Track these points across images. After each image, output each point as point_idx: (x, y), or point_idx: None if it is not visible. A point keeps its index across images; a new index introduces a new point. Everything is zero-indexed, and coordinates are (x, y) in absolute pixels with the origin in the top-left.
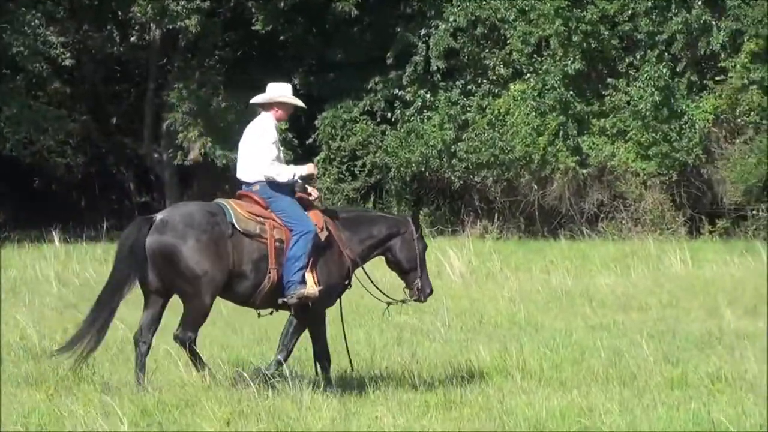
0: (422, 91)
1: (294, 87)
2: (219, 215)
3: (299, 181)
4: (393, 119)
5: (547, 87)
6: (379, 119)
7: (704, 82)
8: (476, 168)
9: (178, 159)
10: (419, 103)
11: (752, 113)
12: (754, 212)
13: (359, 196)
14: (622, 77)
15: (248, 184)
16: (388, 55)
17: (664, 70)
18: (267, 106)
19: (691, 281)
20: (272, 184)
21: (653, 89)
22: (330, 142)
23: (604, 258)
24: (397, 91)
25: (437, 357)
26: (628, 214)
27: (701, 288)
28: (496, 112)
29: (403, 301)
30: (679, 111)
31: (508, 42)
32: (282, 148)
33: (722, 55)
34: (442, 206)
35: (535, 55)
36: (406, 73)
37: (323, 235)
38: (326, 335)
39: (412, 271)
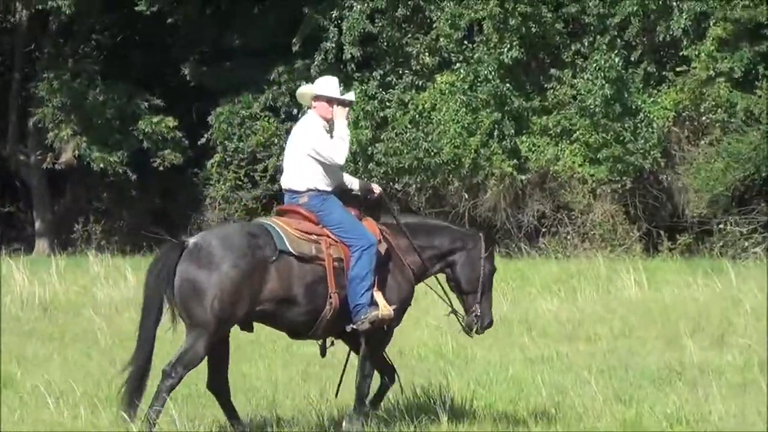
0: None
1: (185, 77)
2: (262, 237)
3: (353, 187)
4: (299, 116)
5: (479, 79)
6: (283, 116)
7: (663, 73)
8: (397, 173)
9: (47, 162)
10: None
11: (719, 110)
12: (721, 226)
13: (260, 206)
14: (567, 68)
15: (294, 195)
16: (294, 41)
17: (617, 60)
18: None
19: (648, 307)
20: (320, 194)
21: (603, 82)
22: (226, 142)
23: (545, 279)
24: (304, 83)
25: (350, 394)
26: (574, 228)
27: (659, 315)
28: (420, 107)
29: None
30: (633, 107)
31: (434, 26)
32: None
33: (684, 42)
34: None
35: (465, 42)
36: (315, 63)
37: (382, 248)
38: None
39: (471, 294)
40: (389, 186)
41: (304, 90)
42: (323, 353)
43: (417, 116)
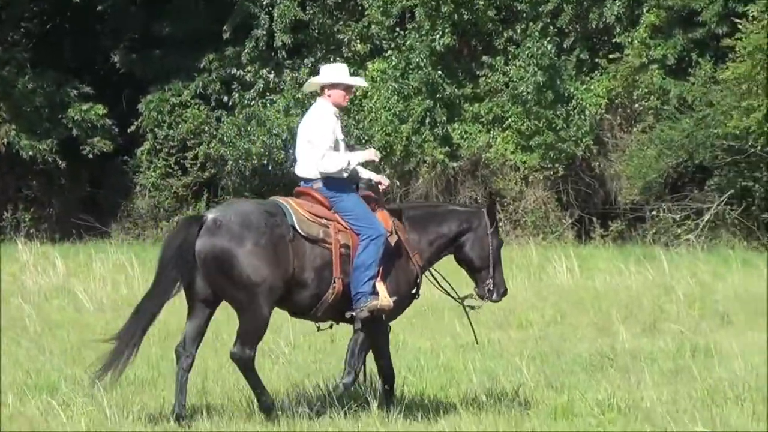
0: (264, 71)
1: (114, 65)
2: (278, 215)
3: (362, 176)
4: (230, 104)
5: (411, 66)
6: (213, 103)
7: (596, 60)
8: None
9: None
10: (261, 85)
11: (652, 97)
12: (654, 213)
13: (190, 194)
14: (499, 55)
15: (307, 181)
16: (225, 28)
17: (549, 47)
18: (321, 89)
19: (580, 294)
20: (335, 181)
21: (536, 69)
22: (156, 130)
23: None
24: (235, 70)
25: (280, 382)
26: (506, 214)
27: (591, 302)
28: (352, 95)
29: (464, 298)
30: (566, 94)
31: (365, 13)
32: (342, 138)
33: (617, 29)
34: None
35: (397, 29)
36: (246, 50)
37: (392, 240)
38: (389, 348)
39: (483, 270)
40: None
41: (317, 80)
42: (318, 328)
43: (348, 104)
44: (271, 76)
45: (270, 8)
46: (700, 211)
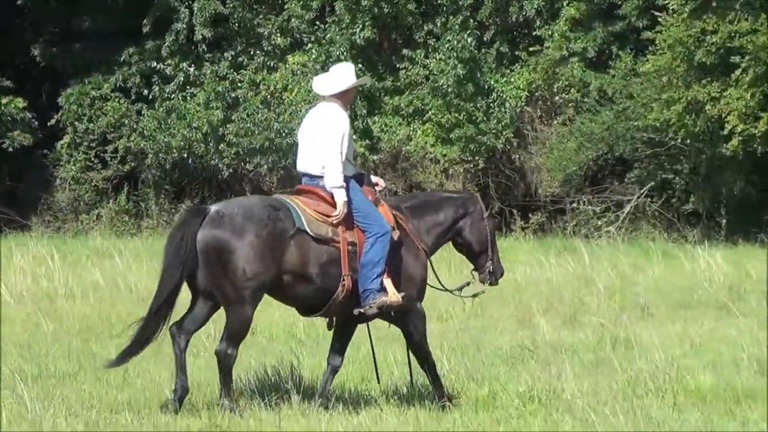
0: (185, 65)
1: (34, 58)
2: (282, 210)
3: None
4: (150, 97)
5: (331, 59)
6: (134, 97)
7: (516, 53)
8: (248, 154)
9: None
10: (181, 79)
11: (572, 90)
12: (574, 205)
13: (110, 187)
14: (419, 48)
15: (312, 178)
16: (145, 22)
17: (470, 40)
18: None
19: (500, 286)
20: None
21: (456, 62)
22: (76, 123)
23: None
24: (155, 64)
25: (202, 375)
26: None
27: (512, 294)
28: (272, 88)
29: (460, 289)
30: (486, 87)
31: (286, 6)
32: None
33: (537, 23)
34: (208, 199)
35: (317, 23)
36: (166, 43)
37: (396, 234)
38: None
39: (482, 254)
40: (240, 167)
41: (330, 81)
42: (330, 327)
43: (268, 97)
44: (191, 69)
45: (190, 2)
46: (621, 204)
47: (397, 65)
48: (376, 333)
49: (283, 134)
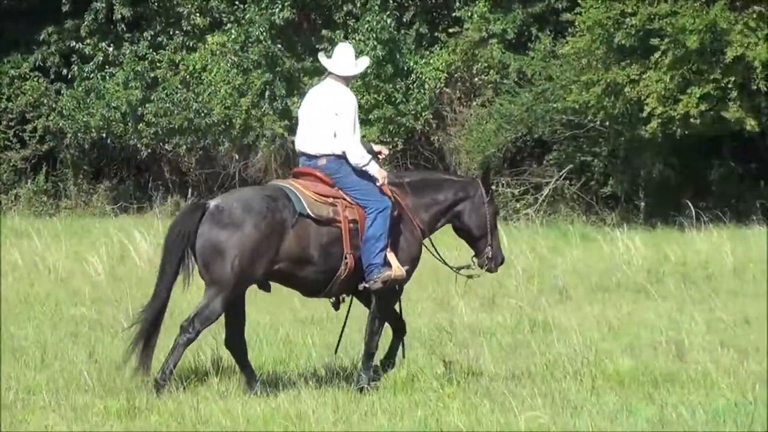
0: (104, 44)
1: None
2: (280, 200)
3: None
4: (69, 76)
5: (251, 39)
6: (53, 76)
7: (436, 34)
8: (167, 134)
9: None
10: (100, 58)
11: (491, 71)
12: (493, 187)
13: (29, 167)
14: (339, 28)
15: (310, 158)
16: (64, 1)
17: (389, 21)
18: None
19: (419, 268)
20: (338, 157)
21: (375, 43)
22: None
23: None
24: (74, 43)
25: (120, 356)
26: None
27: (430, 276)
28: (191, 68)
29: (460, 269)
30: (405, 68)
31: None
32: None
33: (457, 3)
34: (127, 179)
35: (237, 2)
36: (85, 23)
37: (393, 209)
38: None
39: (482, 239)
40: (159, 147)
41: (347, 62)
42: (336, 308)
43: (188, 77)
44: (111, 49)
45: None
46: (539, 186)
47: (317, 46)
48: (296, 316)
49: (202, 114)
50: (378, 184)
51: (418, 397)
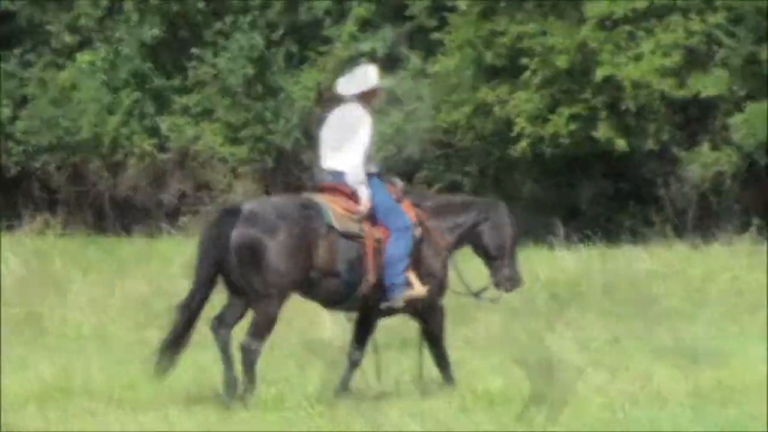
0: None
1: None
2: (312, 209)
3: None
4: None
5: (120, 58)
6: None
7: (305, 53)
8: (36, 152)
9: None
10: None
11: None
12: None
13: None
14: (209, 47)
15: (335, 175)
16: None
17: (259, 39)
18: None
19: None
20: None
21: (245, 61)
22: None
23: (189, 259)
24: None
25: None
26: (216, 207)
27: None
28: (61, 86)
29: (479, 293)
30: (275, 87)
31: (75, 4)
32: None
33: (327, 22)
34: None
35: (106, 21)
36: None
37: (417, 231)
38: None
39: (500, 260)
40: (29, 164)
41: (351, 82)
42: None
43: (57, 95)
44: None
45: None
46: None
47: (186, 64)
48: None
49: (72, 132)
50: (358, 211)
51: (290, 415)
